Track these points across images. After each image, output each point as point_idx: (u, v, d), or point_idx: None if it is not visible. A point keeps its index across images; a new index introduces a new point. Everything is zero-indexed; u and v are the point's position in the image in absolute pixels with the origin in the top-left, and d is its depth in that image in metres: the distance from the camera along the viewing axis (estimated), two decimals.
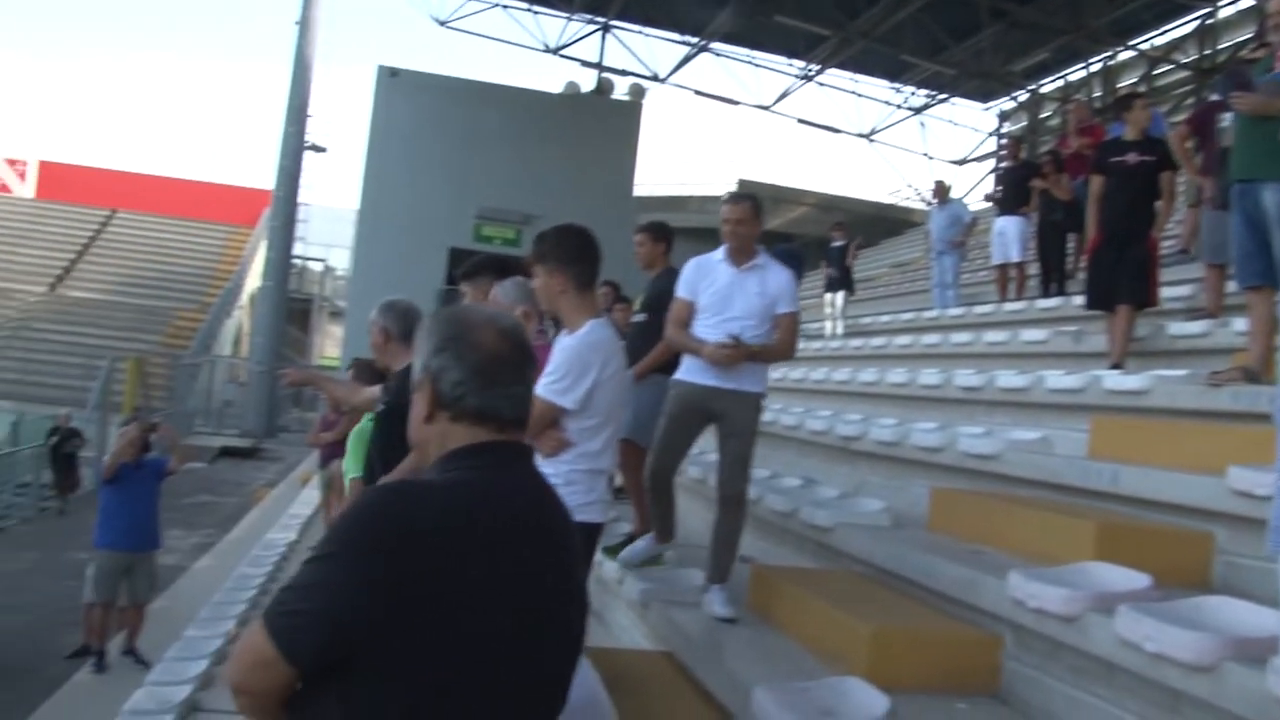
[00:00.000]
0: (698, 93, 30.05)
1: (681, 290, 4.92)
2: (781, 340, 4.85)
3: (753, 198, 5.08)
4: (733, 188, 30.65)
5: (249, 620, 7.88)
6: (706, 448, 5.96)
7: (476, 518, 1.73)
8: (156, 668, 6.87)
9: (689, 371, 4.87)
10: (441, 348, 1.86)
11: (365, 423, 4.97)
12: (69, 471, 16.33)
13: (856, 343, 12.20)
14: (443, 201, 23.92)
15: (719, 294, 4.78)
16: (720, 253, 4.87)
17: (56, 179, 43.33)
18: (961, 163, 32.64)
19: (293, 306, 33.57)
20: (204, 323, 34.91)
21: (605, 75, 28.03)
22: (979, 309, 11.46)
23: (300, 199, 29.49)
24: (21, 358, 30.61)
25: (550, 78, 65.36)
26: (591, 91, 27.64)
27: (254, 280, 38.15)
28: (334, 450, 10.38)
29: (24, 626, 9.98)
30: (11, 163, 43.68)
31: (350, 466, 5.28)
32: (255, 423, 27.25)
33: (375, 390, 4.69)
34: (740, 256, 4.83)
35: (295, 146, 27.92)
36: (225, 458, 22.99)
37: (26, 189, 43.39)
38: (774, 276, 4.85)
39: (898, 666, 3.69)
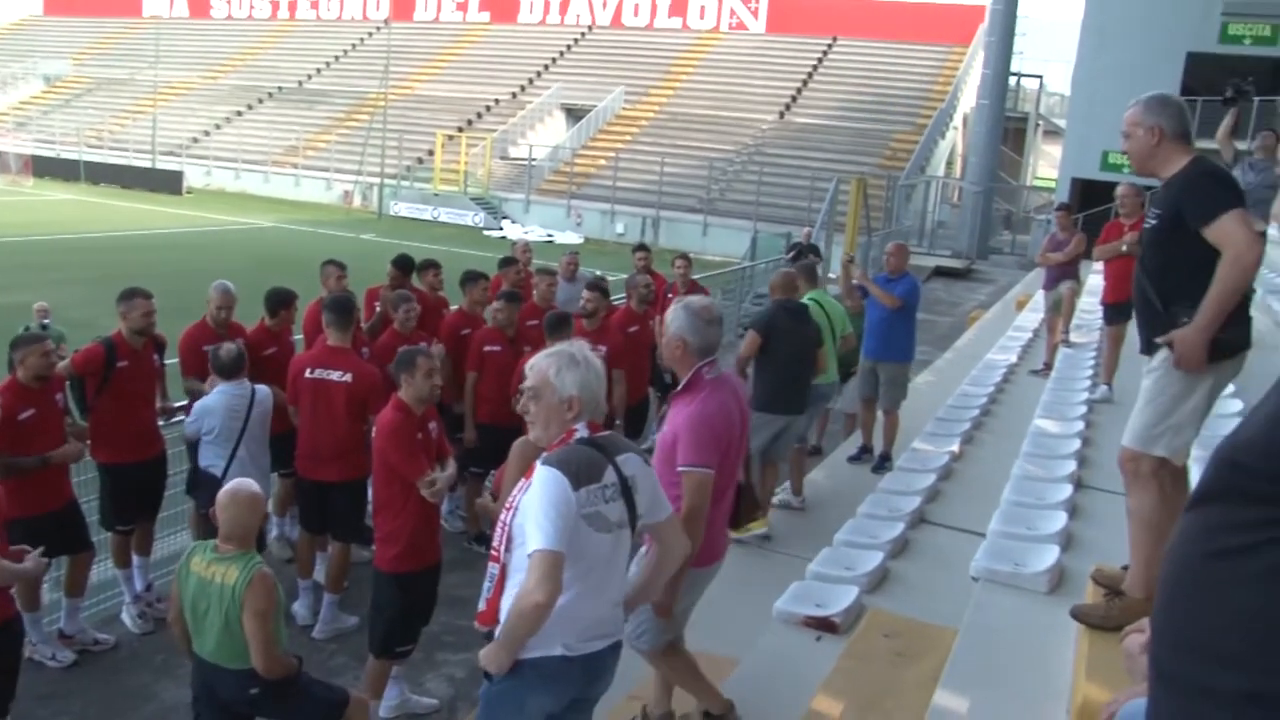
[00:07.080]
0: None
1: None
2: None
3: None
4: None
5: (972, 439, 7.84)
6: None
7: None
8: (887, 476, 7.12)
9: None
10: None
11: None
12: None
13: None
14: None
15: None
16: None
17: (785, 12, 46.10)
18: None
19: (1008, 125, 32.50)
20: (919, 144, 35.42)
21: None
22: None
23: (1020, 11, 28.05)
24: (754, 180, 33.58)
25: None
26: None
27: (968, 100, 37.69)
28: (1063, 271, 9.84)
29: None
30: (745, 0, 47.14)
31: None
32: (967, 244, 27.22)
33: None
34: None
35: None
36: (939, 277, 23.31)
37: (759, 24, 46.85)
38: None
39: None
